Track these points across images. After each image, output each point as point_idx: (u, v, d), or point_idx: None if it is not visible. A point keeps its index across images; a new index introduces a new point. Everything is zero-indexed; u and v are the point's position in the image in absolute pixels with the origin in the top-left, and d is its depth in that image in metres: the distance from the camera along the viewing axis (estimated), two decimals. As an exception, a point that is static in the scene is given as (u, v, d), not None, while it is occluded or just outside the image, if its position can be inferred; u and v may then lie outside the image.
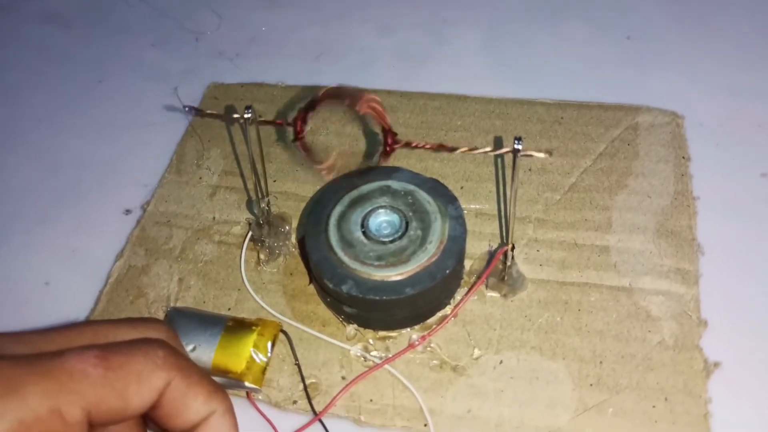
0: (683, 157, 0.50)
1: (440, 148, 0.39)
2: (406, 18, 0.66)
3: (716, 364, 0.40)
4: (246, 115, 0.40)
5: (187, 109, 0.41)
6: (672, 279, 0.44)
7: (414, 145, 0.39)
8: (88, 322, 0.27)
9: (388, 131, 0.38)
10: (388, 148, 0.38)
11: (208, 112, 0.41)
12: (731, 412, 0.38)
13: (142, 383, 0.23)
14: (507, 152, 0.36)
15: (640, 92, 0.55)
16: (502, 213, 0.48)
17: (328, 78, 0.60)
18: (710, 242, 0.46)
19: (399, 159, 0.51)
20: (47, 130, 0.59)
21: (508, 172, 0.50)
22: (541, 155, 0.35)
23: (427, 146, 0.39)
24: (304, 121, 0.38)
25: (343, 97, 0.37)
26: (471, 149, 0.37)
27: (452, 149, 0.38)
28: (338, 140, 0.54)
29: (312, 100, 0.38)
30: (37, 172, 0.55)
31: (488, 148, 0.37)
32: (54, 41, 0.67)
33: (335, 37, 0.65)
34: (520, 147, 0.36)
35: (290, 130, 0.40)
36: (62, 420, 0.21)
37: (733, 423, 0.38)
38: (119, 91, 0.61)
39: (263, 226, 0.46)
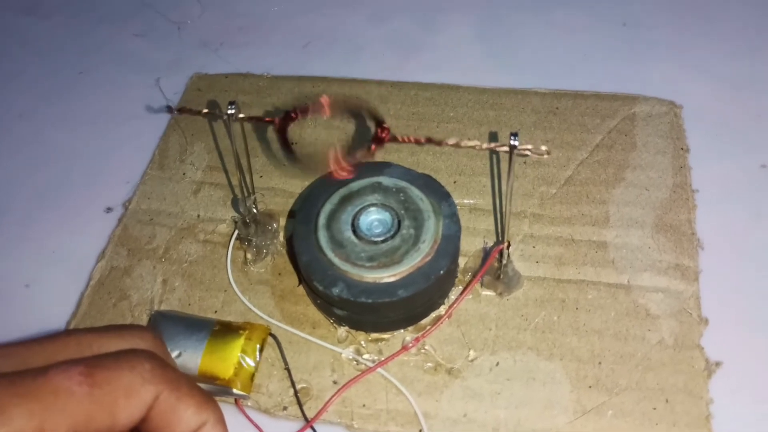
0: (682, 149, 0.49)
1: (429, 141, 0.37)
2: (396, 5, 0.64)
3: (717, 364, 0.39)
4: (229, 111, 0.38)
5: (168, 108, 0.39)
6: (671, 275, 0.43)
7: (401, 140, 0.37)
8: (71, 332, 0.26)
9: (380, 123, 0.37)
10: (379, 139, 0.37)
11: (189, 109, 0.39)
12: (733, 413, 0.37)
13: (130, 398, 0.22)
14: (503, 149, 0.35)
15: (637, 81, 0.54)
16: (497, 208, 0.47)
17: (316, 68, 0.58)
18: (710, 236, 0.44)
19: (390, 152, 0.50)
20: (26, 125, 0.56)
21: (503, 165, 0.48)
22: (541, 155, 0.33)
23: (414, 141, 0.37)
24: (290, 120, 0.36)
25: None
26: (458, 143, 0.35)
27: (439, 143, 0.36)
28: (325, 133, 0.52)
29: (303, 107, 0.36)
30: (14, 169, 0.53)
31: (483, 144, 0.35)
32: (32, 32, 0.65)
33: (323, 25, 0.62)
34: (516, 143, 0.35)
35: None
36: None
37: (734, 424, 0.37)
38: (100, 83, 0.59)
39: (250, 225, 0.44)
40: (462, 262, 0.44)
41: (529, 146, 0.34)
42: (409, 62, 0.58)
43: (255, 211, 0.44)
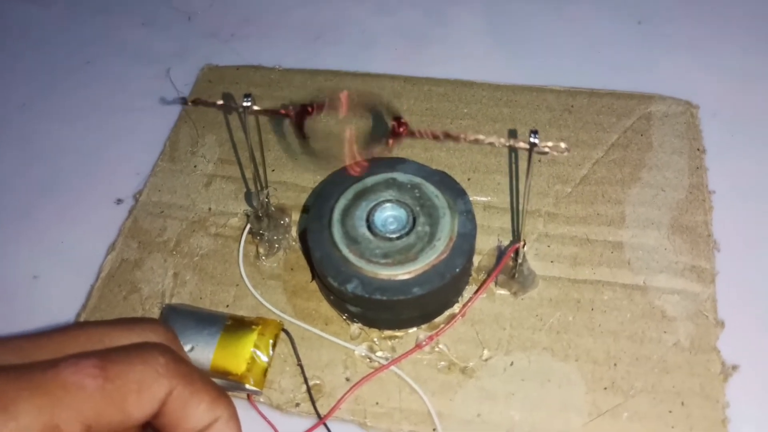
0: (698, 149, 0.48)
1: (446, 137, 0.36)
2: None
3: (734, 367, 0.38)
4: (245, 104, 0.38)
5: (182, 100, 0.39)
6: (687, 277, 0.42)
7: (418, 134, 0.36)
8: (81, 325, 0.25)
9: (397, 119, 0.36)
10: (396, 133, 0.36)
11: (204, 100, 0.39)
12: (750, 417, 0.37)
13: (143, 393, 0.22)
14: (522, 147, 0.34)
15: (652, 79, 0.53)
16: (512, 206, 0.46)
17: (328, 61, 0.57)
18: (726, 238, 0.44)
19: (404, 148, 0.49)
20: (32, 116, 0.56)
21: (519, 163, 0.48)
22: (561, 152, 0.33)
23: (431, 136, 0.36)
24: (306, 114, 0.35)
25: None
26: (477, 139, 0.35)
27: (457, 137, 0.36)
28: (341, 127, 0.51)
29: (320, 102, 0.36)
30: (21, 161, 0.53)
31: (502, 138, 0.35)
32: (36, 22, 0.64)
33: (334, 18, 0.62)
34: (536, 141, 0.34)
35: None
36: None
37: (751, 428, 0.37)
38: (108, 73, 0.58)
39: (262, 219, 0.44)
40: (476, 260, 0.43)
41: (549, 143, 0.34)
42: (420, 56, 0.58)
43: (270, 207, 0.43)
